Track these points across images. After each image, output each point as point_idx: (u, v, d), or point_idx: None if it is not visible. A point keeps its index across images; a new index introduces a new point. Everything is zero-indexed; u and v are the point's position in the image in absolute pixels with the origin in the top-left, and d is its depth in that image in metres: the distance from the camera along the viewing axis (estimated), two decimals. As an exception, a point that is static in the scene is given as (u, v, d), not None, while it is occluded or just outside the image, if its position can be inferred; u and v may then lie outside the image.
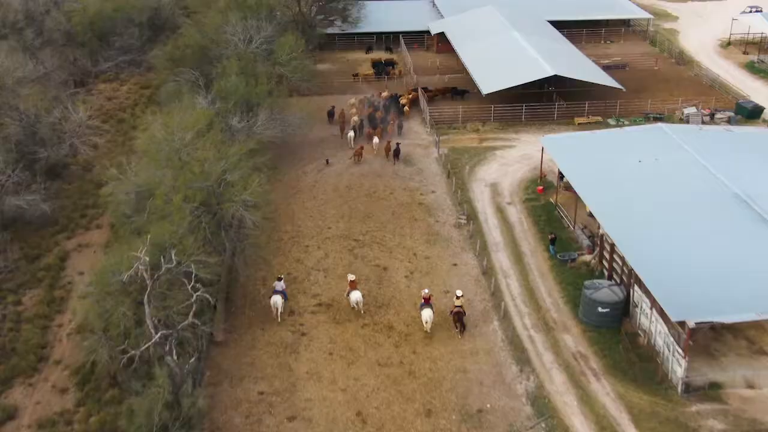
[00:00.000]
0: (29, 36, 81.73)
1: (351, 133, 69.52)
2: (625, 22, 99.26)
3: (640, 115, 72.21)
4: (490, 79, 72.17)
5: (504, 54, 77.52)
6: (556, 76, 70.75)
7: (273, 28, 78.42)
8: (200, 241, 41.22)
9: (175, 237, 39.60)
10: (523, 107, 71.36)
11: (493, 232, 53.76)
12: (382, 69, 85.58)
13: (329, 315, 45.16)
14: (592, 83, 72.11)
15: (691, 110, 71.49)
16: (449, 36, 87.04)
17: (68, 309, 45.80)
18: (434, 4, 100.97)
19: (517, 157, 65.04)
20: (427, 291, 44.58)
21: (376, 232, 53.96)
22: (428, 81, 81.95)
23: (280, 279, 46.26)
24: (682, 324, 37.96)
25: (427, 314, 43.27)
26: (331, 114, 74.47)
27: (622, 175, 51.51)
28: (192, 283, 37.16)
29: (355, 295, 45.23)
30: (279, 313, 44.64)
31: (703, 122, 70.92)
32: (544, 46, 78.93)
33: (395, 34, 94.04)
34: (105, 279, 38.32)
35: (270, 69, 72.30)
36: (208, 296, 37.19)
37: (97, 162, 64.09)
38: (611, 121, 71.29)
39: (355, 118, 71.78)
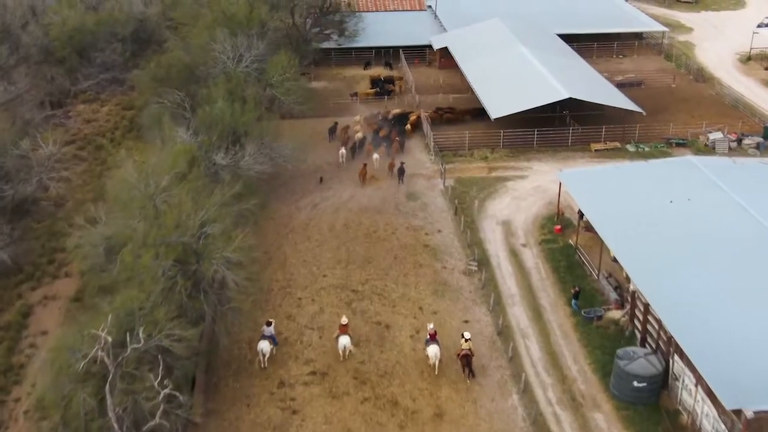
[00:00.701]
0: (3, 53, 76.05)
1: (342, 150, 65.09)
2: (637, 35, 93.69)
3: (662, 141, 66.74)
4: (498, 102, 66.62)
5: (513, 73, 71.98)
6: (570, 98, 65.18)
7: (265, 46, 72.84)
8: (175, 308, 35.62)
9: (145, 304, 34.07)
10: (535, 132, 65.85)
11: (508, 281, 48.20)
12: (382, 87, 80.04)
13: (324, 387, 39.54)
14: (610, 106, 66.58)
15: (717, 135, 66.04)
16: (453, 51, 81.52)
17: (28, 379, 40.18)
18: (436, 16, 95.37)
19: (530, 189, 59.51)
20: (432, 326, 41.32)
21: (377, 280, 48.40)
22: (432, 101, 76.44)
23: (269, 323, 41.65)
24: (737, 412, 32.44)
25: (433, 351, 39.85)
26: (332, 131, 69.33)
27: (652, 217, 46.06)
28: (162, 366, 31.57)
29: (343, 341, 40.95)
30: (265, 359, 40.52)
31: (730, 148, 65.51)
32: (556, 64, 73.39)
33: (395, 49, 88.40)
34: (62, 359, 32.74)
35: (260, 91, 66.91)
36: (177, 393, 31.49)
37: (71, 196, 58.58)
38: (630, 147, 65.81)
39: (359, 134, 67.44)
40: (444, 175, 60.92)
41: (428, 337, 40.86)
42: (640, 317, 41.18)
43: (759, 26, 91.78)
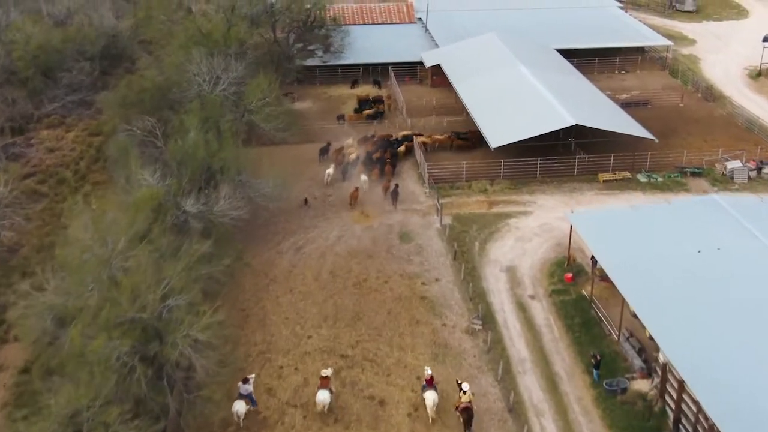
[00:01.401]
0: (-38, 76, 70.26)
1: (330, 170, 60.70)
2: (640, 49, 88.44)
3: (675, 170, 61.48)
4: (498, 130, 61.19)
5: (512, 95, 66.55)
6: (576, 125, 59.85)
7: (244, 66, 67.23)
8: (132, 402, 29.96)
9: (94, 402, 28.43)
10: (538, 162, 60.47)
11: (517, 343, 42.76)
12: (370, 108, 74.51)
13: (310, 484, 34.00)
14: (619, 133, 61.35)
15: (735, 164, 60.88)
16: (446, 70, 76.05)
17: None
18: (427, 30, 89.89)
19: (535, 228, 54.11)
20: (429, 371, 38.41)
21: (369, 342, 42.86)
22: (424, 124, 71.06)
23: (246, 381, 37.14)
24: None
25: (431, 397, 37.08)
26: (324, 151, 64.65)
27: (677, 268, 40.93)
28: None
29: (322, 396, 37.14)
30: (242, 421, 36.22)
31: (750, 177, 60.38)
32: (558, 85, 68.05)
33: (384, 66, 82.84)
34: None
35: (239, 117, 61.37)
36: None
37: (26, 240, 52.73)
38: (641, 177, 60.53)
39: (353, 155, 63.26)
40: (440, 212, 55.43)
41: (424, 382, 37.85)
42: (673, 394, 35.83)
43: (766, 40, 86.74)
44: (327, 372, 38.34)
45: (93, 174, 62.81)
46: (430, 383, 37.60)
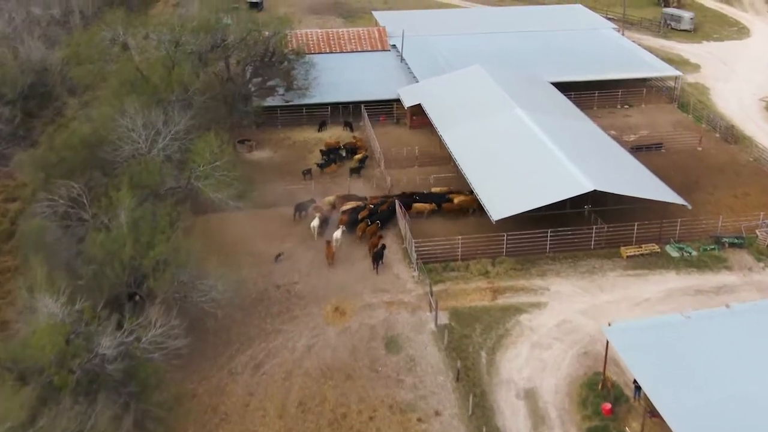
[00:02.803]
0: None
1: (316, 222, 52.19)
2: (643, 79, 78.36)
3: (710, 240, 51.40)
4: (499, 196, 50.52)
5: (512, 149, 55.95)
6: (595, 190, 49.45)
7: (190, 116, 56.06)
8: None
9: None
10: (548, 234, 49.97)
11: None
12: (339, 158, 63.57)
13: None
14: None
15: (782, 233, 50.98)
16: (429, 113, 65.36)
17: None
18: (403, 59, 79.04)
19: (553, 328, 43.61)
20: None
21: None
22: (405, 178, 60.26)
23: None
24: None
25: None
26: (300, 209, 54.96)
27: (749, 408, 30.53)
28: None
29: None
30: None
31: (798, 248, 50.55)
32: (564, 134, 57.75)
33: (356, 104, 71.86)
34: None
35: (183, 185, 50.31)
36: None
37: None
38: (672, 251, 50.38)
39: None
40: (435, 307, 44.59)
41: None
42: None
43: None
44: None
45: (2, 258, 51.04)
46: None
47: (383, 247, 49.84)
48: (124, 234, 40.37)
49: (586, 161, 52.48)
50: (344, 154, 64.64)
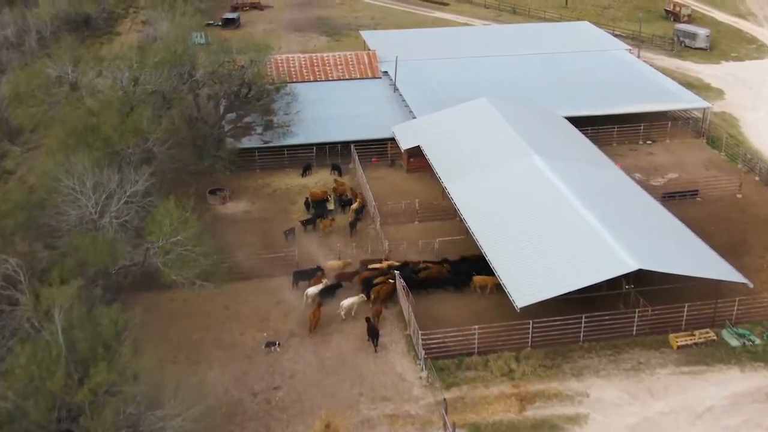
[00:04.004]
0: None
1: (313, 290, 45.10)
2: (666, 111, 69.87)
3: (774, 322, 43.02)
4: (522, 274, 41.76)
5: (532, 210, 47.09)
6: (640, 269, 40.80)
7: (150, 172, 47.23)
8: None
9: None
10: (582, 320, 41.32)
11: None
12: (323, 212, 54.72)
13: None
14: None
15: None
16: (430, 157, 56.72)
17: None
18: (396, 89, 70.22)
19: (601, 456, 34.94)
20: None
21: None
22: (403, 235, 51.49)
23: None
24: None
25: None
26: (301, 276, 46.72)
27: None
28: None
29: None
30: None
31: None
32: (592, 188, 49.31)
33: (345, 144, 62.98)
34: None
35: (138, 262, 41.53)
36: None
37: None
38: (730, 338, 42.06)
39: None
40: (450, 426, 35.77)
41: None
42: None
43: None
44: None
45: None
46: None
47: (368, 319, 42.35)
48: (56, 351, 31.31)
49: (624, 228, 43.86)
50: (332, 207, 55.84)
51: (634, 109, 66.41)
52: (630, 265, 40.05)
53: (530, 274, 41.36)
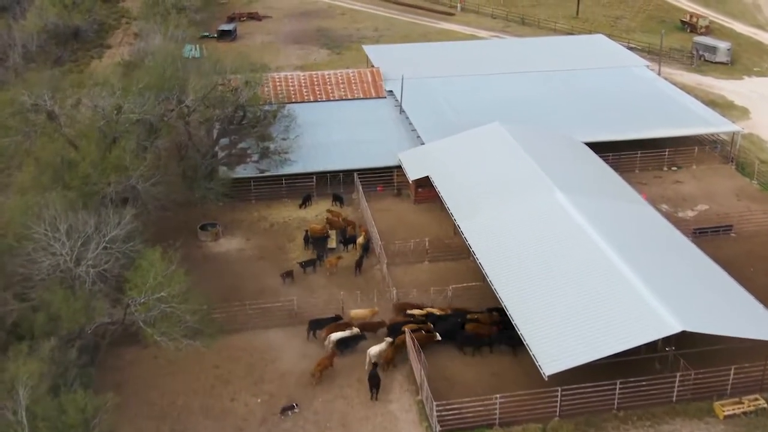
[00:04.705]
0: None
1: (333, 336, 40.88)
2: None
3: (831, 386, 38.30)
4: (549, 335, 37.07)
5: (557, 256, 42.39)
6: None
7: (133, 213, 42.66)
8: None
9: None
10: (617, 386, 36.65)
11: None
12: (323, 252, 50.07)
13: None
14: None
15: None
16: (441, 190, 52.18)
17: None
18: (402, 110, 65.56)
19: None
20: None
21: None
22: (412, 279, 46.94)
23: None
24: None
25: None
26: (319, 325, 42.28)
27: None
28: None
29: None
30: None
31: None
32: (622, 230, 44.67)
33: (347, 173, 58.36)
34: None
35: (118, 321, 37.02)
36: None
37: None
38: (782, 405, 37.19)
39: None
40: None
41: None
42: None
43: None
44: None
45: None
46: None
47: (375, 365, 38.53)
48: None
49: (661, 279, 39.20)
50: (334, 245, 51.27)
51: (659, 133, 61.85)
52: (672, 326, 35.42)
53: (558, 334, 36.71)
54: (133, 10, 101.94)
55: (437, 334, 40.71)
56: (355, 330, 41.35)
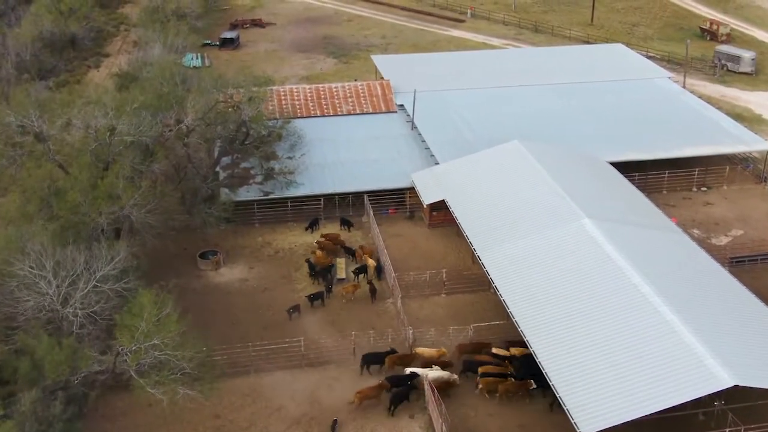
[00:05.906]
0: None
1: (431, 375, 37.64)
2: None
3: None
4: (585, 389, 33.41)
5: (588, 294, 38.74)
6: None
7: (126, 250, 39.15)
8: None
9: None
10: (660, 444, 33.09)
11: None
12: (329, 287, 46.46)
13: None
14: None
15: None
16: (457, 215, 48.60)
17: None
18: (414, 126, 62.01)
19: None
20: None
21: None
22: (429, 315, 43.27)
23: None
24: None
25: None
26: (373, 359, 40.07)
27: None
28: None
29: None
30: None
31: None
32: (658, 262, 41.01)
33: (357, 195, 54.82)
34: None
35: (108, 368, 33.55)
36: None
37: None
38: (842, 466, 33.46)
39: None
40: None
41: None
42: None
43: None
44: None
45: None
46: None
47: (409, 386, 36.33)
48: None
49: (706, 324, 35.57)
50: (343, 276, 47.74)
51: (689, 152, 58.30)
52: (724, 381, 31.80)
53: (596, 387, 33.12)
54: (132, 16, 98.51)
55: (532, 381, 36.77)
56: (454, 376, 37.70)
